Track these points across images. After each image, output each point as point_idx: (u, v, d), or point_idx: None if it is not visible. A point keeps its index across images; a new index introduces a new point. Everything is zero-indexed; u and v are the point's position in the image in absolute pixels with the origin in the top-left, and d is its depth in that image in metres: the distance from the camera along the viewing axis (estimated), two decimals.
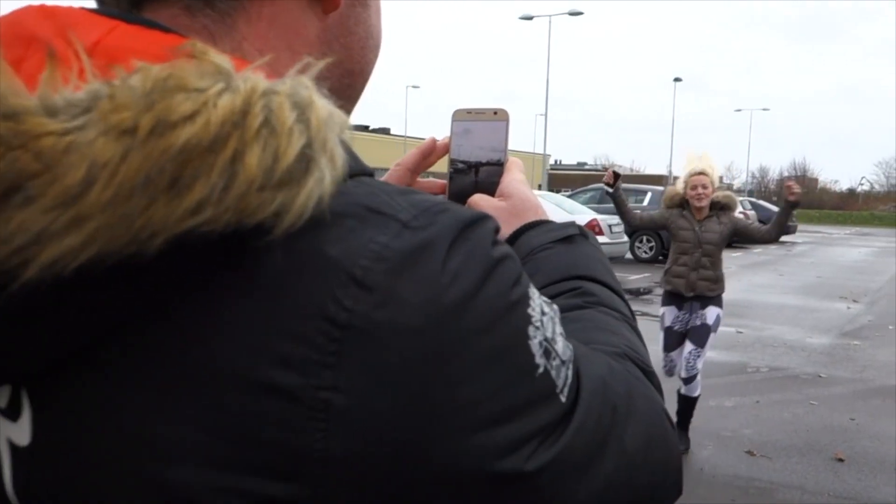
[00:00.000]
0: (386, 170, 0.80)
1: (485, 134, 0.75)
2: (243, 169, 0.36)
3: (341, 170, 0.41)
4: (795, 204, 4.48)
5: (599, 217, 12.71)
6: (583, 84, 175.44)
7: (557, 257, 0.67)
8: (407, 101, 54.73)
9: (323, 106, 0.41)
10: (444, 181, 0.77)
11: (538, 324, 0.44)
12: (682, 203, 4.68)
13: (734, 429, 4.99)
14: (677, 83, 45.11)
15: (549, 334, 0.45)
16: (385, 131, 49.67)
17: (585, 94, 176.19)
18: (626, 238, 13.64)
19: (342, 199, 0.41)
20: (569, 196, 16.36)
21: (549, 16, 31.34)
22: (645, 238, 15.53)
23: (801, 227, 31.15)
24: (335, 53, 0.54)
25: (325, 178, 0.39)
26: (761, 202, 28.87)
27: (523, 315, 0.44)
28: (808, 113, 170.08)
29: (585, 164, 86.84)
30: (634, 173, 72.70)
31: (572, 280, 0.65)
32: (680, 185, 4.72)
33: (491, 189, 0.73)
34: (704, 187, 4.56)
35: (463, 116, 0.76)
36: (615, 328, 0.60)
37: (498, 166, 0.74)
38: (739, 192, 59.28)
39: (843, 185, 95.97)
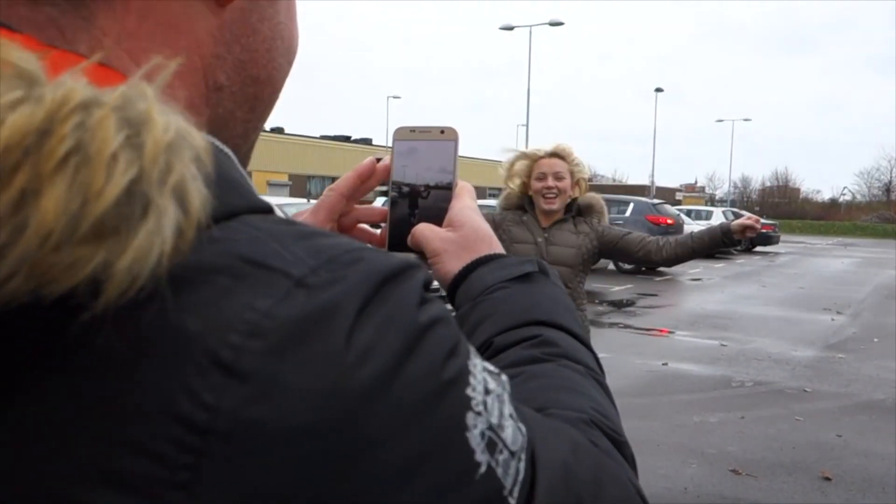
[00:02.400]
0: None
1: (431, 154, 0.69)
2: (36, 214, 0.27)
3: (200, 210, 0.32)
4: (737, 242, 3.08)
5: None
6: (564, 94, 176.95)
7: (514, 299, 0.60)
8: (388, 112, 54.89)
9: (166, 124, 0.31)
10: (385, 208, 0.70)
11: (480, 408, 0.37)
12: (522, 204, 3.11)
13: (719, 446, 4.91)
14: (658, 93, 45.47)
15: (494, 420, 0.37)
16: (367, 142, 49.69)
17: (567, 105, 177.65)
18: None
19: (211, 250, 0.33)
20: None
21: (530, 26, 31.53)
22: None
23: (783, 237, 31.48)
24: (236, 56, 0.45)
25: (167, 224, 0.30)
26: (744, 212, 29.12)
27: (460, 399, 0.36)
28: (789, 123, 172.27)
29: None
30: (617, 183, 73.28)
31: (531, 326, 0.58)
32: (515, 180, 3.06)
33: (438, 217, 0.67)
34: (558, 178, 2.91)
35: (406, 135, 0.70)
36: (581, 387, 0.53)
37: (446, 190, 0.68)
38: (722, 202, 59.93)
39: (826, 196, 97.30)
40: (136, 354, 0.31)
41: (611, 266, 14.86)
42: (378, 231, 0.72)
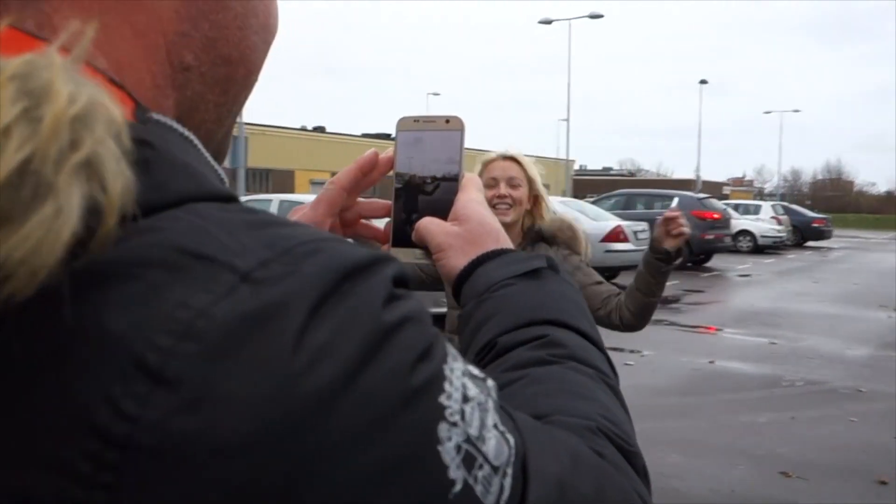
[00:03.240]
0: None
1: (436, 145, 0.66)
2: None
3: (123, 195, 0.28)
4: (671, 254, 2.19)
5: (624, 223, 12.47)
6: (606, 88, 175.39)
7: (520, 296, 0.57)
8: (427, 109, 55.00)
9: (72, 95, 0.28)
10: (389, 202, 0.68)
11: (456, 418, 0.33)
12: None
13: (768, 447, 4.76)
14: (703, 85, 44.60)
15: (472, 431, 0.34)
16: None
17: (609, 98, 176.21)
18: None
19: (144, 241, 0.30)
20: (592, 202, 16.10)
21: (569, 19, 31.33)
22: None
23: (836, 231, 30.56)
24: (204, 34, 0.41)
25: (71, 210, 0.26)
26: (794, 206, 28.42)
27: (432, 408, 0.32)
28: (841, 114, 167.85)
29: (611, 168, 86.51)
30: (661, 178, 72.17)
31: (538, 325, 0.55)
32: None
33: (445, 210, 0.64)
34: (512, 185, 2.27)
35: (410, 125, 0.67)
36: (588, 391, 0.50)
37: (452, 182, 0.65)
38: (771, 195, 58.56)
39: (881, 188, 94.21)
40: (47, 360, 0.27)
41: None
42: (382, 226, 0.70)
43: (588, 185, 52.14)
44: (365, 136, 45.09)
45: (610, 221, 12.44)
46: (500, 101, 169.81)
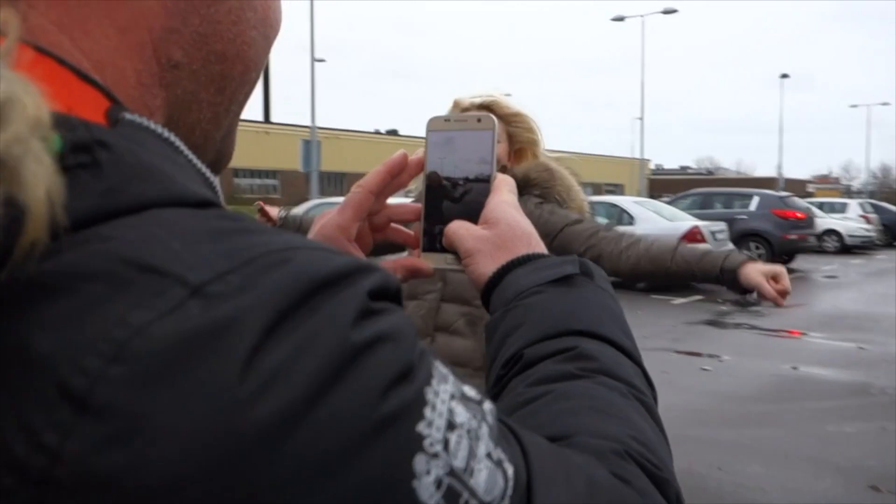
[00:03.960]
0: None
1: (468, 145, 0.65)
2: None
3: (46, 202, 0.25)
4: (743, 292, 1.92)
5: (701, 223, 12.09)
6: (681, 85, 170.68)
7: (549, 304, 0.54)
8: None
9: None
10: (419, 204, 0.67)
11: (437, 448, 0.30)
12: None
13: (856, 459, 4.52)
14: (784, 80, 42.94)
15: (458, 462, 0.30)
16: None
17: (685, 96, 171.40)
18: (730, 245, 12.92)
19: (86, 251, 0.27)
20: (668, 202, 15.69)
21: (642, 15, 30.73)
22: (752, 244, 14.73)
23: None
24: (194, 29, 0.39)
25: None
26: (884, 204, 27.02)
27: (406, 438, 0.29)
28: None
29: (688, 167, 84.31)
30: (741, 176, 69.85)
31: (567, 336, 0.52)
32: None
33: (476, 212, 0.62)
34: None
35: (440, 125, 0.66)
36: (617, 409, 0.46)
37: (484, 183, 0.64)
38: (860, 193, 55.82)
39: None
40: None
41: None
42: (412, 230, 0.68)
43: (664, 185, 50.98)
44: None
45: (686, 222, 12.08)
46: (573, 100, 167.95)
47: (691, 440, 4.48)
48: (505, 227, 0.59)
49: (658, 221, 11.88)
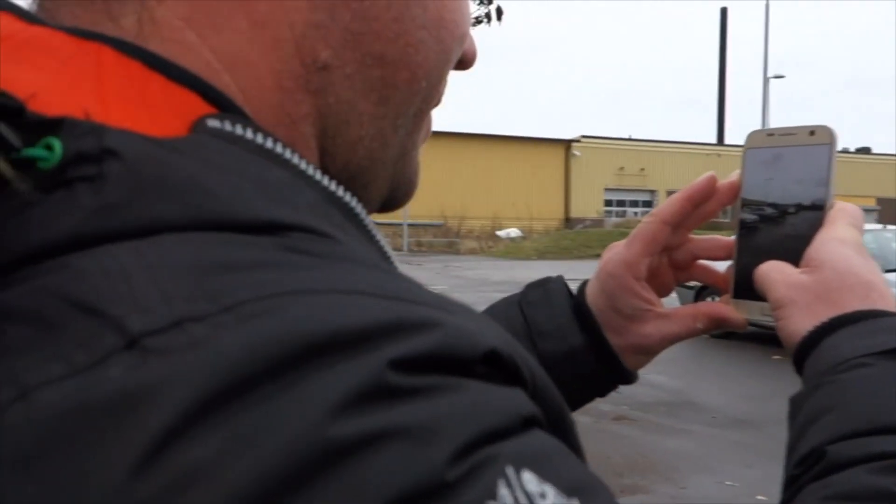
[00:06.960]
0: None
1: (797, 164, 0.54)
2: None
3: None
4: None
5: None
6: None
7: (875, 385, 0.42)
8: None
9: None
10: (731, 239, 0.58)
11: None
12: None
13: None
14: None
15: None
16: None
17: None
18: None
19: (30, 286, 0.23)
20: None
21: None
22: None
23: None
24: (344, 25, 0.33)
25: None
26: None
27: None
28: None
29: None
30: None
31: (892, 435, 0.40)
32: None
33: (799, 250, 0.51)
34: None
35: (762, 141, 0.57)
36: None
37: (817, 212, 0.52)
38: None
39: None
40: None
41: None
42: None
43: None
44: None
45: None
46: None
47: None
48: (830, 273, 0.48)
49: None
